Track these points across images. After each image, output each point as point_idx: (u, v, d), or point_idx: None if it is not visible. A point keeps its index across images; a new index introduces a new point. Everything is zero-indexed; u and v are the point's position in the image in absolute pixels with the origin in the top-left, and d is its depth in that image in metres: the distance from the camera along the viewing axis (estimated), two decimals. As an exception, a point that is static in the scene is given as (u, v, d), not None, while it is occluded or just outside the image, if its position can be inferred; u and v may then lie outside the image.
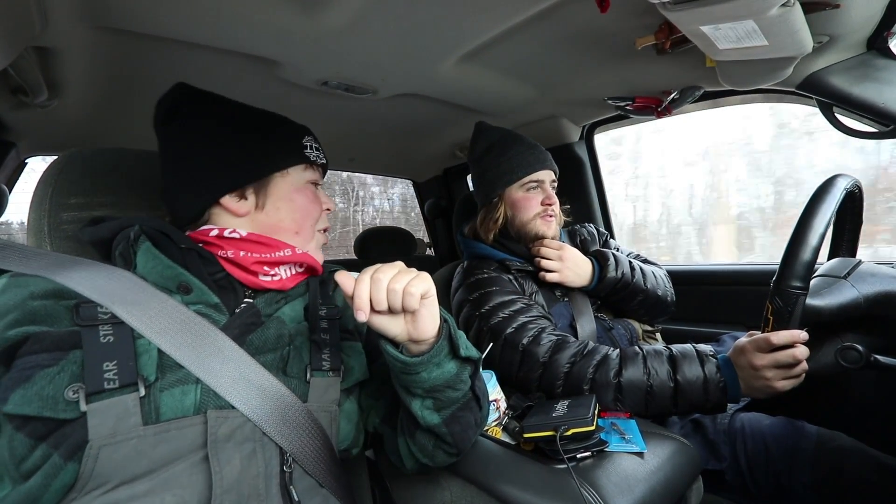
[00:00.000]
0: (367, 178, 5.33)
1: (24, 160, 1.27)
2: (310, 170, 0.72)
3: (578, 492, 0.63)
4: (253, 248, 0.65)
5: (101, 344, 0.51)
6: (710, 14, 0.67)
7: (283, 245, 0.66)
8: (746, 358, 0.78)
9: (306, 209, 0.71)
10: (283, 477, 0.57)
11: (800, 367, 0.75)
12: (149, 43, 0.89)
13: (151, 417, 0.51)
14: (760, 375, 0.76)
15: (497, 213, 1.15)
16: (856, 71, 0.91)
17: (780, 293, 0.74)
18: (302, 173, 0.71)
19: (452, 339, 0.59)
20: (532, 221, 1.13)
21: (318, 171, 0.74)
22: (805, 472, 0.82)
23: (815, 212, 0.75)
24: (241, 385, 0.55)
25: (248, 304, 0.64)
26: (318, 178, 0.74)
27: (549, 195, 1.14)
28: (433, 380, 0.58)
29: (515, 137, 1.17)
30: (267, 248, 0.65)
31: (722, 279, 1.51)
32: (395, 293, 0.52)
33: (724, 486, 0.92)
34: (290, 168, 0.69)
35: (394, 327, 0.55)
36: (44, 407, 0.46)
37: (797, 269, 0.73)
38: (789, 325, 0.74)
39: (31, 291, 0.52)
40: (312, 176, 0.72)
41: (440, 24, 0.90)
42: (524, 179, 1.13)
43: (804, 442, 0.85)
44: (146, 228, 0.62)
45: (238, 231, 0.64)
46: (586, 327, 1.06)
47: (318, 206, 0.73)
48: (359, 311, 0.51)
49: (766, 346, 0.76)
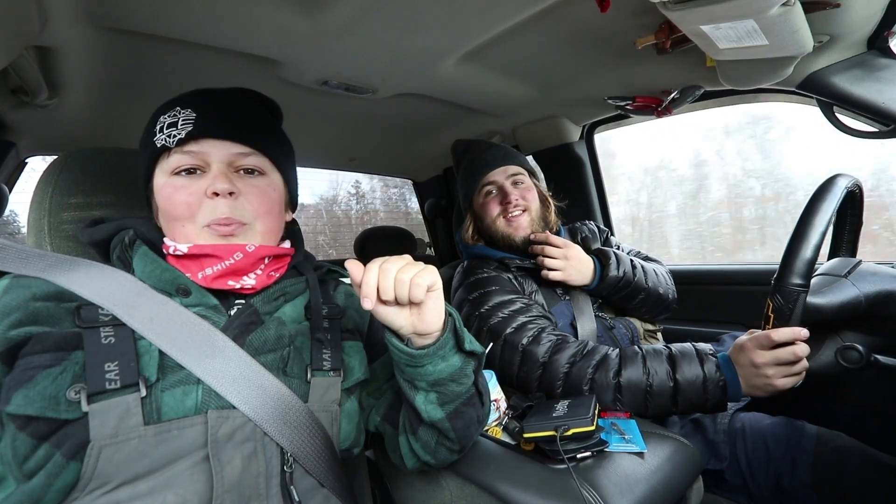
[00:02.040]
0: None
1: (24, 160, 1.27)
2: (165, 159, 0.59)
3: (578, 492, 0.63)
4: (201, 264, 0.59)
5: (103, 345, 0.51)
6: (711, 13, 0.67)
7: (231, 249, 0.58)
8: (747, 355, 0.78)
9: (166, 210, 0.59)
10: (283, 477, 0.57)
11: (800, 365, 0.75)
12: (149, 43, 0.89)
13: (153, 417, 0.51)
14: (761, 373, 0.76)
15: (468, 223, 1.22)
16: (856, 70, 0.91)
17: (780, 291, 0.74)
18: (162, 166, 0.60)
19: (458, 332, 0.59)
20: (494, 224, 1.14)
21: (180, 153, 0.59)
22: (806, 471, 0.82)
23: (816, 210, 0.75)
24: (241, 385, 0.55)
25: (245, 303, 0.63)
26: (185, 163, 0.59)
27: (506, 194, 1.13)
28: (438, 373, 0.58)
29: (470, 146, 1.20)
30: (215, 259, 0.58)
31: (722, 279, 1.51)
32: (403, 283, 0.52)
33: (724, 486, 0.92)
34: (157, 164, 0.60)
35: (399, 319, 0.55)
36: (46, 407, 0.46)
37: (798, 267, 0.73)
38: (790, 322, 0.74)
39: (34, 293, 0.52)
40: (175, 162, 0.59)
41: (440, 24, 0.90)
42: (478, 186, 1.16)
43: (805, 442, 0.85)
44: (140, 234, 0.62)
45: (179, 248, 0.58)
46: (587, 326, 1.06)
47: (179, 199, 0.58)
48: (365, 298, 0.52)
49: (767, 344, 0.76)
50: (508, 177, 1.15)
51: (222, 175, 0.59)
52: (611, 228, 1.73)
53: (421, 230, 2.43)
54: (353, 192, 3.49)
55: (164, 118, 0.60)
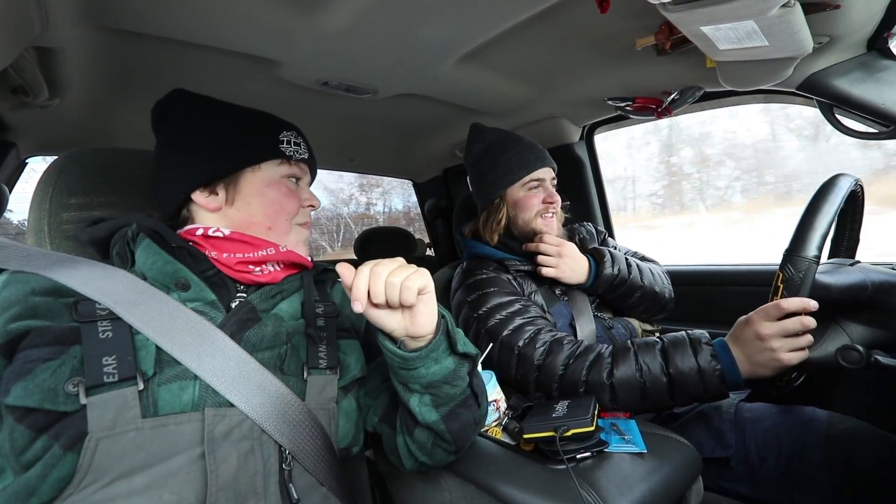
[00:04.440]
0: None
1: (24, 160, 1.27)
2: (285, 165, 0.71)
3: (578, 492, 0.63)
4: (236, 247, 0.65)
5: (100, 339, 0.52)
6: (711, 15, 0.67)
7: (266, 244, 0.66)
8: (753, 328, 0.76)
9: (279, 204, 0.69)
10: (282, 475, 0.57)
11: (806, 338, 0.74)
12: (149, 43, 0.89)
13: (149, 411, 0.51)
14: (766, 346, 0.74)
15: (500, 214, 1.15)
16: (856, 71, 0.91)
17: (792, 261, 0.73)
18: (276, 168, 0.70)
19: (450, 334, 0.59)
20: (534, 220, 1.13)
21: (296, 166, 0.72)
22: (817, 453, 0.80)
23: (829, 190, 0.76)
24: (240, 383, 0.56)
25: (243, 300, 0.64)
26: (297, 173, 0.73)
27: (551, 193, 1.13)
28: (431, 375, 0.59)
29: (512, 137, 1.16)
30: (250, 248, 0.65)
31: (722, 279, 1.51)
32: (393, 286, 0.52)
33: (729, 475, 0.90)
34: (263, 163, 0.68)
35: (391, 321, 0.56)
36: (44, 399, 0.47)
37: (812, 237, 0.72)
38: (800, 293, 0.73)
39: (32, 287, 0.53)
40: (289, 171, 0.71)
41: (440, 24, 0.90)
42: (525, 178, 1.12)
43: (815, 424, 0.84)
44: (143, 227, 0.63)
45: (221, 230, 0.65)
46: (586, 326, 1.06)
47: (293, 201, 0.71)
48: (356, 301, 0.52)
49: (776, 313, 0.74)
50: (552, 178, 1.16)
51: (313, 196, 0.76)
52: (610, 230, 1.73)
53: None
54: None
55: (287, 135, 0.71)
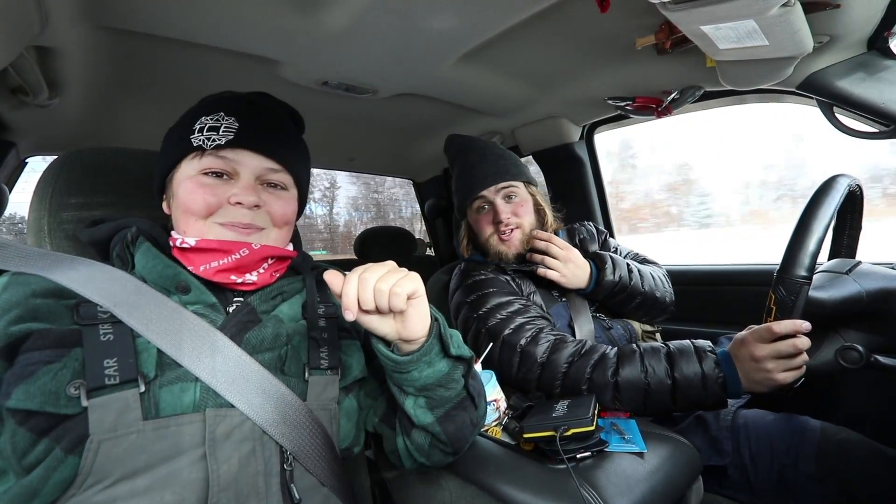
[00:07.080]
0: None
1: (24, 160, 1.27)
2: (198, 158, 0.61)
3: (578, 492, 0.63)
4: (206, 257, 0.60)
5: (101, 342, 0.52)
6: (711, 14, 0.67)
7: (238, 245, 0.60)
8: (747, 349, 0.77)
9: (184, 204, 0.61)
10: (283, 475, 0.57)
11: (800, 359, 0.74)
12: (149, 43, 0.89)
13: (151, 413, 0.51)
14: (761, 367, 0.75)
15: (463, 232, 1.22)
16: (856, 71, 0.91)
17: (783, 282, 0.73)
18: (192, 163, 0.61)
19: (443, 337, 0.59)
20: (488, 242, 1.13)
21: (212, 156, 0.61)
22: (810, 464, 0.81)
23: (819, 203, 0.75)
24: (240, 384, 0.56)
25: (243, 301, 0.64)
26: (213, 166, 0.61)
27: (498, 213, 1.09)
28: (424, 378, 0.59)
29: (462, 150, 1.16)
30: (221, 254, 0.59)
31: (722, 279, 1.51)
32: (382, 293, 0.52)
33: (726, 483, 0.92)
34: (183, 161, 0.62)
35: (383, 326, 0.55)
36: (46, 402, 0.47)
37: (802, 259, 0.72)
38: (792, 314, 0.73)
39: (33, 289, 0.53)
40: (199, 165, 0.61)
41: (440, 24, 0.90)
42: (472, 203, 1.14)
43: (809, 435, 0.84)
44: (142, 230, 0.63)
45: (186, 241, 0.59)
46: (584, 327, 1.05)
47: (200, 198, 0.60)
48: (346, 310, 0.52)
49: (768, 336, 0.75)
50: (499, 192, 1.11)
51: (251, 187, 0.62)
52: (610, 229, 1.73)
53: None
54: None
55: (206, 119, 0.62)
